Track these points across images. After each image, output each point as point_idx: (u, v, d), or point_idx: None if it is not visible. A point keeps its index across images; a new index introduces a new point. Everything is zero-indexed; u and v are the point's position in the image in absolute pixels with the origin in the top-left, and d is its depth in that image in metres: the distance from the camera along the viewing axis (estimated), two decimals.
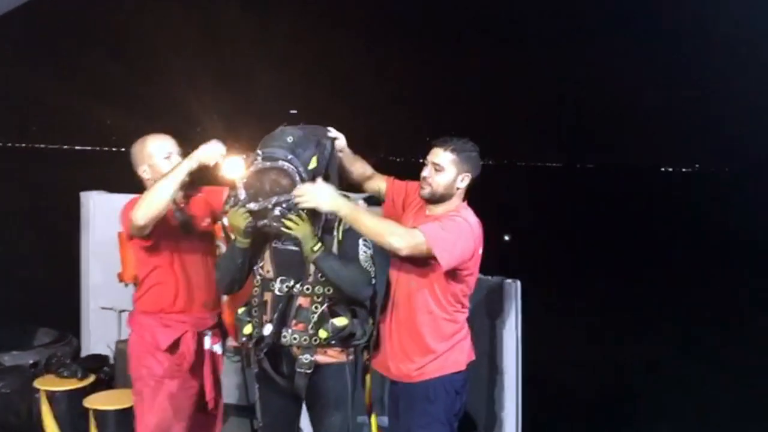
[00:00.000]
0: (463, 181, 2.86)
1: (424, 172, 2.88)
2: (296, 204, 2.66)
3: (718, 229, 19.14)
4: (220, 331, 3.31)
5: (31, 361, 4.66)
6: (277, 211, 2.66)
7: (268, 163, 2.65)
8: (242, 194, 2.68)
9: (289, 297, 2.83)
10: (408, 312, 2.89)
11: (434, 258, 2.70)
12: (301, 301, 2.83)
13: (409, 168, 3.48)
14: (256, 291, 2.91)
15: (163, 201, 2.85)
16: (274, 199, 2.66)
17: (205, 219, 3.21)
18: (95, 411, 3.87)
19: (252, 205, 2.68)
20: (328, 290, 2.81)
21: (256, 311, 2.89)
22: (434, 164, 2.85)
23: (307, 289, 2.82)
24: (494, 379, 3.35)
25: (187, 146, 3.06)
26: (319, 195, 2.65)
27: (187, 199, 3.17)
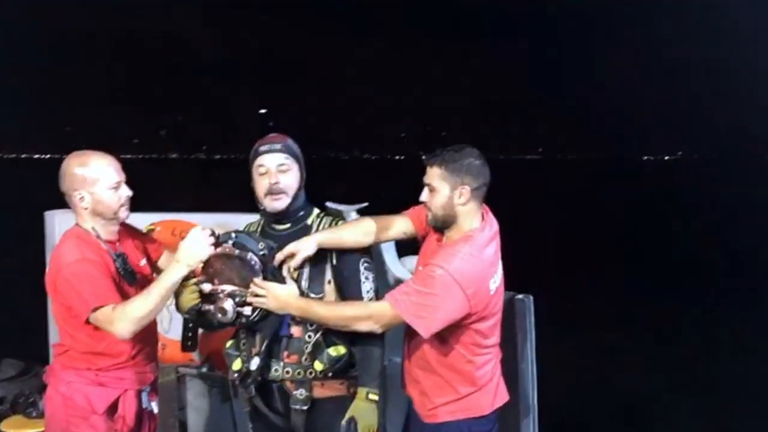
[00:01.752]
0: (462, 197, 2.55)
1: (422, 197, 2.64)
2: (246, 300, 2.57)
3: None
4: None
5: None
6: (227, 304, 2.57)
7: (237, 251, 2.56)
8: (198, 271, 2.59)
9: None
10: (422, 349, 2.67)
11: None
12: (293, 330, 2.69)
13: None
14: None
15: (151, 317, 2.61)
16: (228, 289, 2.57)
17: (141, 259, 2.88)
18: None
19: (205, 286, 2.59)
20: None
21: (244, 344, 2.75)
22: (427, 185, 2.61)
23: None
24: (508, 412, 3.15)
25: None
26: (272, 299, 2.54)
27: (119, 237, 2.81)
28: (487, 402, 2.66)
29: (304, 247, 2.64)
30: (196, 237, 2.57)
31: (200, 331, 2.83)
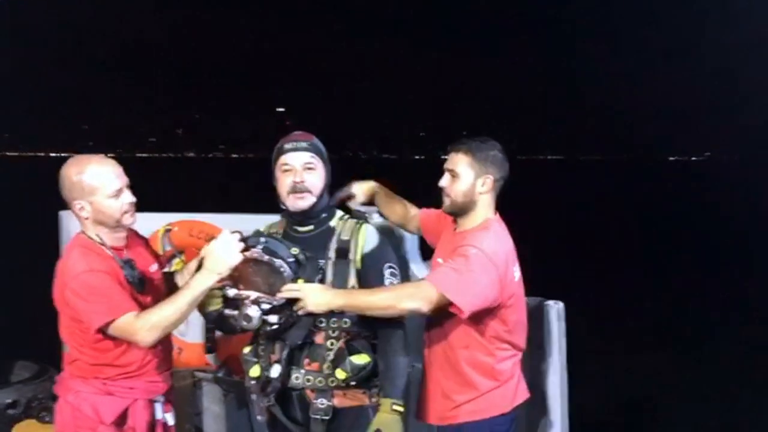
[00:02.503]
0: (485, 185, 2.67)
1: (442, 182, 2.72)
2: (271, 307, 2.53)
3: None
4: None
5: (8, 401, 4.47)
6: (252, 311, 2.52)
7: (266, 256, 2.50)
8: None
9: None
10: (444, 347, 2.71)
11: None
12: (315, 336, 2.64)
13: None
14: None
15: (177, 326, 2.57)
16: (253, 295, 2.52)
17: (152, 265, 2.77)
18: None
19: (230, 291, 2.54)
20: (345, 323, 2.62)
21: (263, 350, 2.70)
22: (449, 171, 2.70)
23: (321, 322, 2.62)
24: (536, 422, 3.12)
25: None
26: (312, 298, 2.52)
27: (126, 242, 2.70)
28: (507, 400, 2.71)
29: (360, 190, 3.04)
30: (225, 242, 2.50)
31: (217, 333, 2.80)
